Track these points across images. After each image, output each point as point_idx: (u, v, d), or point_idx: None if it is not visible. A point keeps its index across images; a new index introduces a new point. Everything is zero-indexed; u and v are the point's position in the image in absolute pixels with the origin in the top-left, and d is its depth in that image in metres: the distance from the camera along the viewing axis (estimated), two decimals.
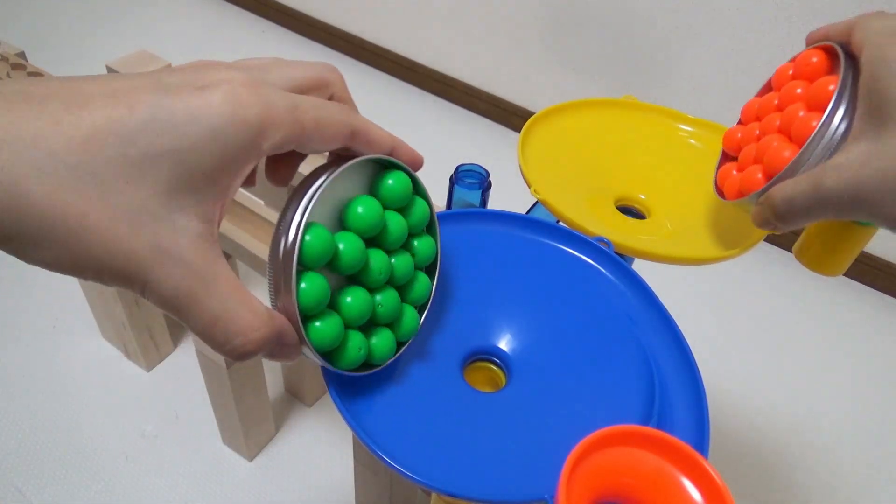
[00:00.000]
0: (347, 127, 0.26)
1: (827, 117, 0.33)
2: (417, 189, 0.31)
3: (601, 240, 0.39)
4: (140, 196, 0.21)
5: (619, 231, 0.46)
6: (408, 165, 0.30)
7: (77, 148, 0.20)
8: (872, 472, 0.81)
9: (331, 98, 0.28)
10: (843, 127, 0.33)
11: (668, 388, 0.33)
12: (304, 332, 0.26)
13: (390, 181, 0.30)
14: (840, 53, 0.34)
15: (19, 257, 0.21)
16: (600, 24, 1.11)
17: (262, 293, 0.97)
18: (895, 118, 0.29)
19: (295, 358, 0.27)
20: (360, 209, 0.28)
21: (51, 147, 0.20)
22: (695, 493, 0.22)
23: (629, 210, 0.51)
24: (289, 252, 0.26)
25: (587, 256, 0.38)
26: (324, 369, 0.30)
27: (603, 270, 0.38)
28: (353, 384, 0.31)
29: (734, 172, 0.40)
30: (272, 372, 0.83)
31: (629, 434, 0.23)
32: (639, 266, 0.54)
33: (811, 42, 0.38)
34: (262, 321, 0.24)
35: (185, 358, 0.85)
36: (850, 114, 0.33)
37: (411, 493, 0.58)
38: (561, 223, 0.42)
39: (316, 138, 0.25)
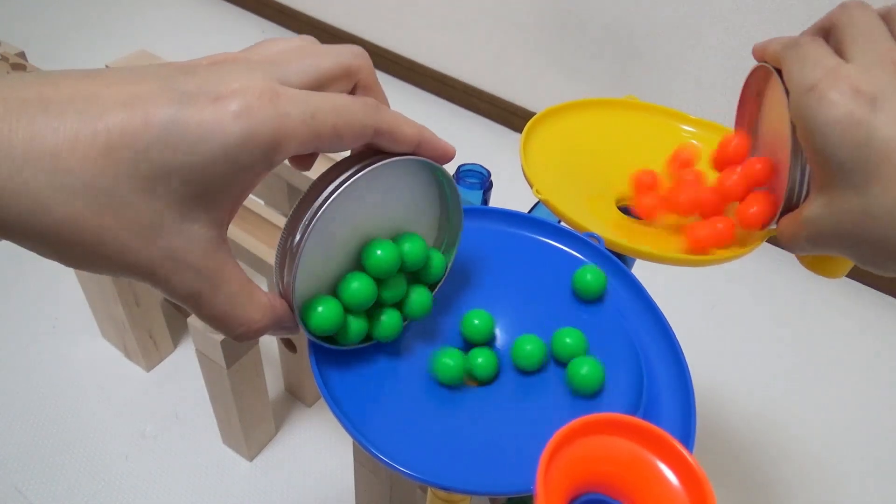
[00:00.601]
0: (370, 128, 0.26)
1: (791, 169, 0.35)
2: (444, 177, 0.32)
3: (592, 235, 0.39)
4: (153, 209, 0.22)
5: (621, 231, 0.46)
6: (435, 160, 0.30)
7: (92, 165, 0.21)
8: (870, 471, 0.82)
9: (356, 87, 0.28)
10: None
11: (656, 382, 0.33)
12: (300, 319, 0.29)
13: (407, 245, 0.31)
14: (781, 88, 0.35)
15: (42, 256, 0.22)
16: (601, 23, 1.11)
17: None
18: (835, 182, 0.31)
19: (294, 333, 0.30)
20: (378, 252, 0.30)
21: (68, 164, 0.21)
22: (672, 477, 0.22)
23: (631, 210, 0.51)
24: (293, 251, 0.27)
25: (578, 252, 0.39)
26: (315, 372, 0.30)
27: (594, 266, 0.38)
28: (344, 383, 0.31)
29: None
30: (272, 372, 0.83)
31: (604, 422, 0.23)
32: (640, 266, 0.55)
33: (757, 58, 0.38)
34: (262, 313, 0.27)
35: (185, 358, 0.85)
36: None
37: (411, 493, 0.58)
38: (562, 223, 0.42)
39: (335, 144, 0.25)
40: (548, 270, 0.38)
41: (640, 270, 0.49)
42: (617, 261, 0.38)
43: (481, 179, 0.50)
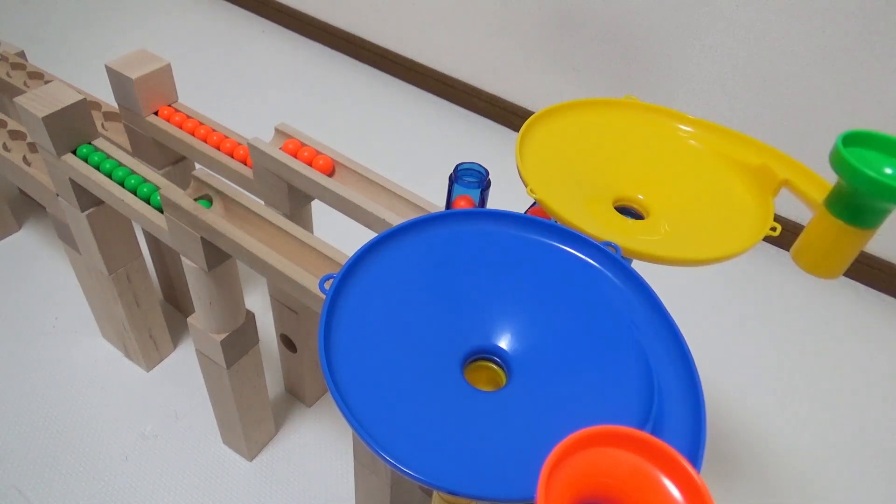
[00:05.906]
0: None
1: None
2: None
3: (608, 244, 0.39)
4: None
5: (617, 231, 0.46)
6: None
7: None
8: (872, 472, 0.81)
9: None
10: None
11: (667, 393, 0.33)
12: None
13: None
14: None
15: None
16: (601, 23, 1.11)
17: (262, 293, 0.97)
18: None
19: None
20: None
21: None
22: (675, 492, 0.22)
23: (628, 210, 0.51)
24: None
25: (593, 259, 0.38)
26: (326, 373, 0.30)
27: (608, 274, 0.38)
28: (354, 385, 0.31)
29: None
30: (272, 372, 0.83)
31: (609, 434, 0.23)
32: (636, 267, 0.54)
33: None
34: None
35: (185, 358, 0.85)
36: None
37: (411, 493, 0.58)
38: (558, 223, 0.42)
39: None
40: (562, 278, 0.38)
41: (638, 270, 0.49)
42: (632, 270, 0.37)
43: (479, 178, 0.50)
